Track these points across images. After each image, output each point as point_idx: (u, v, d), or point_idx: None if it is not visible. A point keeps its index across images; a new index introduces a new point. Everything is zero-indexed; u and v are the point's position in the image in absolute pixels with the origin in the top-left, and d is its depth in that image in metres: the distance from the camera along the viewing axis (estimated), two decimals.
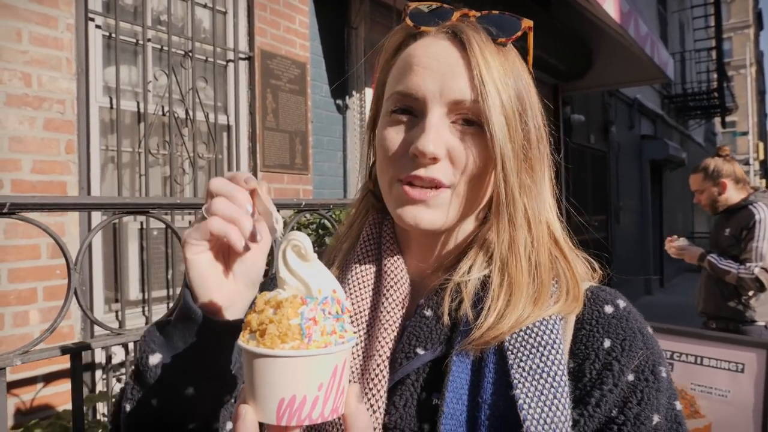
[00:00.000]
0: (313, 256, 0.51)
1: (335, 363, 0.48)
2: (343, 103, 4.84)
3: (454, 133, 0.67)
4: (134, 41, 3.32)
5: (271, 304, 0.49)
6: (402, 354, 0.66)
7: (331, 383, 0.48)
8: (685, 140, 17.39)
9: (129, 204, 1.35)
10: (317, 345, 0.47)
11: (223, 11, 3.88)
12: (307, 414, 0.48)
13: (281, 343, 0.46)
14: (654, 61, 7.37)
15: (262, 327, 0.48)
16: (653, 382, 0.63)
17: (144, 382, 0.62)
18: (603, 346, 0.64)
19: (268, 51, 4.05)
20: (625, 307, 0.68)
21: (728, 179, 3.37)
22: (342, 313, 0.50)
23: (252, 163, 3.96)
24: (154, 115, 3.37)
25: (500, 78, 0.66)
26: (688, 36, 17.24)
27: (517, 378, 0.61)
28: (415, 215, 0.67)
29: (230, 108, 3.88)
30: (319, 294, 0.49)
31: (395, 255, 0.73)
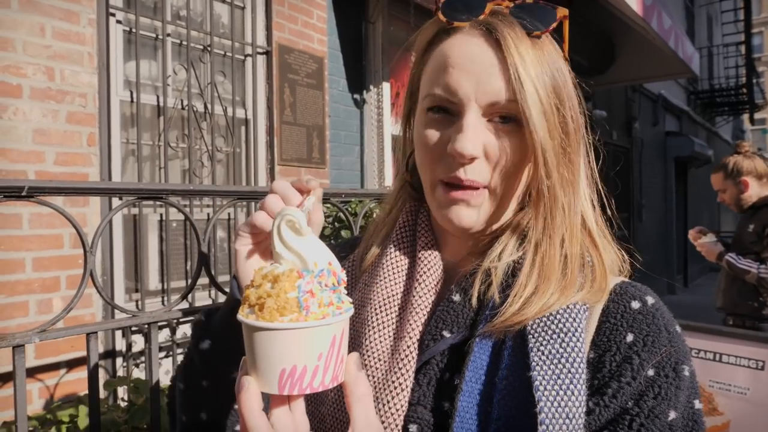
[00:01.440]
0: (307, 230, 0.52)
1: (333, 333, 0.50)
2: (361, 98, 4.86)
3: (491, 131, 0.68)
4: (154, 36, 3.38)
5: (268, 278, 0.50)
6: (429, 336, 0.69)
7: (330, 353, 0.50)
8: (712, 137, 17.03)
9: (143, 190, 1.38)
10: (315, 317, 0.48)
11: (242, 6, 3.93)
12: (308, 383, 0.50)
13: (280, 317, 0.48)
14: (678, 55, 7.23)
15: (260, 301, 0.49)
16: (673, 379, 0.63)
17: (194, 366, 0.71)
18: (625, 340, 0.64)
19: (286, 45, 4.08)
20: (653, 303, 0.68)
21: (749, 176, 3.27)
22: (338, 284, 0.51)
23: (269, 157, 4.01)
24: (173, 109, 3.42)
25: (537, 74, 0.66)
26: (716, 30, 16.86)
27: (536, 361, 0.62)
28: (458, 215, 0.70)
29: (248, 102, 3.92)
30: (315, 267, 0.50)
31: (429, 242, 0.75)
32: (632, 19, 5.88)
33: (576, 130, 0.71)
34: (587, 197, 0.74)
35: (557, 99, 0.67)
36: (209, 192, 1.67)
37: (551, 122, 0.66)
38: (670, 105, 12.85)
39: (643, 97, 11.33)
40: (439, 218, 0.72)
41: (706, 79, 14.99)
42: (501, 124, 0.67)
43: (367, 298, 0.74)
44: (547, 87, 0.66)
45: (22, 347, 1.17)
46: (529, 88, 0.64)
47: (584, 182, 0.74)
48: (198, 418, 0.73)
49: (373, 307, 0.73)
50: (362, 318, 0.73)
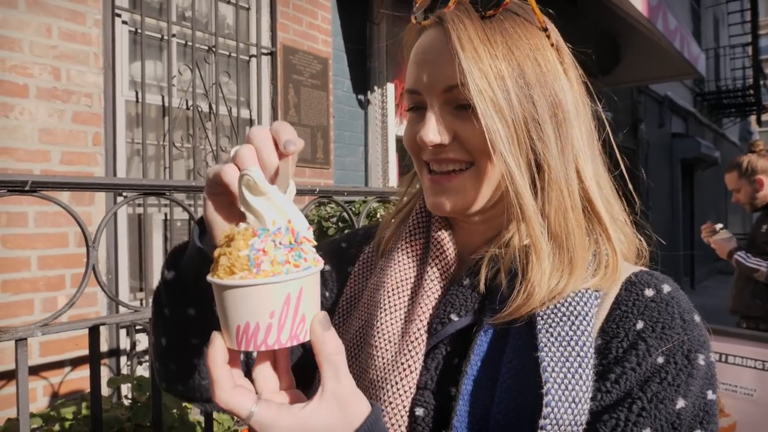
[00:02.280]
0: (267, 188, 0.51)
1: (287, 291, 0.49)
2: (365, 99, 4.86)
3: (458, 117, 0.68)
4: (159, 37, 3.40)
5: (228, 237, 0.51)
6: (437, 320, 0.69)
7: (284, 311, 0.50)
8: (719, 139, 16.95)
9: (146, 185, 1.39)
10: (265, 274, 0.48)
11: (246, 7, 3.94)
12: (263, 340, 0.50)
13: (231, 274, 0.49)
14: (684, 55, 7.20)
15: (217, 260, 0.51)
16: (684, 366, 0.61)
17: (161, 295, 0.73)
18: (635, 327, 0.63)
19: (291, 46, 4.10)
20: (669, 291, 0.66)
21: (764, 175, 3.23)
22: (296, 242, 0.51)
23: None
24: (178, 109, 3.44)
25: (485, 55, 0.64)
26: (722, 32, 16.79)
27: (544, 342, 0.61)
28: (441, 201, 0.70)
29: (253, 102, 3.94)
30: (273, 225, 0.50)
31: (443, 228, 0.75)
32: (637, 19, 5.87)
33: (555, 108, 0.68)
34: (591, 178, 0.70)
35: (519, 77, 0.65)
36: None
37: (501, 101, 0.64)
38: (677, 106, 12.80)
39: (649, 99, 11.29)
40: (429, 205, 0.73)
41: (713, 81, 14.92)
42: (465, 110, 0.67)
43: (381, 281, 0.75)
44: (498, 64, 0.65)
45: (24, 341, 1.17)
46: (471, 71, 0.63)
47: (584, 162, 0.70)
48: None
49: (386, 291, 0.73)
50: (375, 301, 0.74)
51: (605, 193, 0.72)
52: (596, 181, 0.71)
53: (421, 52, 0.71)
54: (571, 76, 0.71)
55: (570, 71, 0.71)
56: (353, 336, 0.76)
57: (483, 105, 0.63)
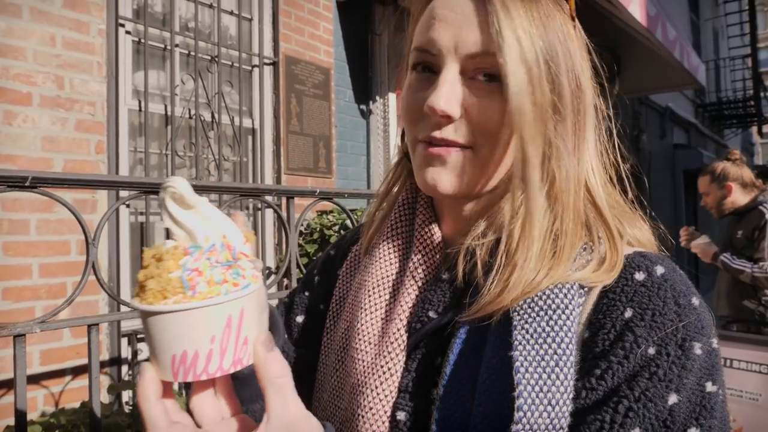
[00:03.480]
0: (196, 201, 0.47)
1: (228, 313, 0.45)
2: (367, 109, 4.89)
3: (473, 90, 0.62)
4: (162, 47, 3.43)
5: (155, 257, 0.46)
6: (416, 318, 0.65)
7: (226, 335, 0.45)
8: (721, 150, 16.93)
9: (147, 183, 1.39)
10: (203, 296, 0.44)
11: (249, 18, 3.98)
12: (203, 368, 0.45)
13: (163, 299, 0.44)
14: (684, 65, 7.24)
15: (144, 283, 0.45)
16: (677, 357, 0.54)
17: None
18: (623, 316, 0.57)
19: (293, 57, 4.13)
20: (663, 273, 0.59)
21: (735, 183, 3.41)
22: (233, 259, 0.46)
23: (276, 166, 4.03)
24: (181, 118, 3.46)
25: (522, 26, 0.59)
26: (722, 44, 16.87)
27: (518, 339, 0.56)
28: (434, 177, 0.64)
29: (255, 112, 3.96)
30: (206, 242, 0.45)
31: (428, 219, 0.71)
32: (636, 30, 5.90)
33: (577, 94, 0.64)
34: (595, 170, 0.67)
35: (548, 55, 0.61)
36: (213, 188, 1.67)
37: (535, 77, 0.59)
38: (678, 117, 12.82)
39: (650, 110, 11.31)
40: (418, 181, 0.66)
41: (714, 92, 14.97)
42: (485, 83, 0.62)
43: (363, 280, 0.71)
44: (535, 40, 0.60)
45: (23, 337, 1.17)
46: (509, 38, 0.58)
47: (591, 153, 0.66)
48: None
49: (366, 290, 0.69)
50: (357, 301, 0.70)
51: (610, 193, 0.68)
52: (602, 180, 0.67)
53: (445, 7, 0.63)
54: (588, 72, 0.68)
55: (588, 66, 0.68)
56: (340, 339, 0.72)
57: (518, 79, 0.58)
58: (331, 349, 0.74)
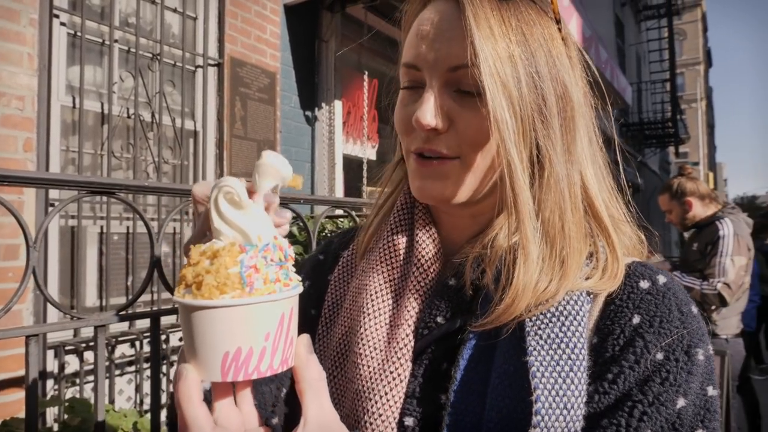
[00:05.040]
0: (247, 202, 0.47)
1: (281, 311, 0.46)
2: (312, 115, 4.84)
3: (459, 102, 0.63)
4: (100, 41, 3.25)
5: (207, 254, 0.45)
6: (423, 323, 0.65)
7: (278, 333, 0.45)
8: (641, 167, 18.01)
9: (94, 183, 1.29)
10: (260, 293, 0.44)
11: (194, 17, 3.85)
12: (255, 367, 0.45)
13: (220, 294, 0.43)
14: (614, 86, 7.65)
15: (198, 279, 0.45)
16: (685, 363, 0.57)
17: None
18: (631, 322, 0.59)
19: (238, 59, 4.02)
20: (665, 283, 0.62)
21: (693, 197, 3.45)
22: (285, 260, 0.47)
23: (219, 170, 3.90)
24: (118, 117, 3.28)
25: (500, 37, 0.60)
26: (644, 68, 18.00)
27: (533, 345, 0.57)
28: (426, 187, 0.66)
29: (198, 114, 3.82)
30: (260, 241, 0.46)
31: (427, 225, 0.71)
32: None
33: (564, 100, 0.64)
34: (593, 177, 0.67)
35: (530, 65, 0.62)
36: (164, 189, 1.58)
37: (512, 91, 0.60)
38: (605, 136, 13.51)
39: None
40: (412, 189, 0.68)
41: (636, 113, 15.91)
42: (469, 95, 0.62)
43: (363, 284, 0.70)
44: (512, 50, 0.61)
45: None
46: (484, 52, 0.59)
47: (585, 160, 0.67)
48: None
49: (369, 294, 0.68)
50: (358, 305, 0.69)
51: (606, 194, 0.69)
52: (597, 181, 0.68)
53: (427, 23, 0.65)
54: (578, 73, 0.68)
55: (577, 68, 0.68)
56: (337, 344, 0.71)
57: (493, 90, 0.59)
58: (326, 356, 0.71)
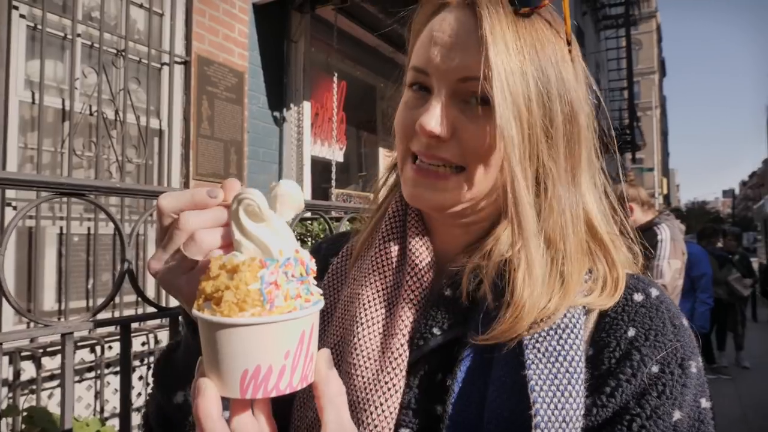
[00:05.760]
0: (269, 214, 0.46)
1: (302, 328, 0.45)
2: (281, 116, 4.79)
3: (465, 113, 0.63)
4: (62, 35, 3.14)
5: (226, 268, 0.45)
6: (419, 334, 0.64)
7: (298, 350, 0.45)
8: None
9: (65, 184, 1.24)
10: (280, 311, 0.43)
11: (160, 13, 3.76)
12: (274, 385, 0.44)
13: (240, 311, 0.43)
14: None
15: (218, 294, 0.44)
16: (680, 376, 0.58)
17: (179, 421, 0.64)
18: (626, 335, 0.59)
19: (206, 57, 3.95)
20: (658, 296, 0.63)
21: (634, 203, 3.62)
22: (306, 274, 0.46)
23: (184, 171, 3.82)
24: (80, 114, 3.17)
25: (511, 52, 0.60)
26: (603, 76, 18.52)
27: (531, 359, 0.57)
28: (418, 195, 0.65)
29: (163, 112, 3.73)
30: (281, 255, 0.45)
31: (420, 233, 0.70)
32: None
33: (571, 120, 0.64)
34: (591, 194, 0.67)
35: (540, 83, 0.62)
36: (138, 192, 1.54)
37: (522, 108, 0.60)
38: None
39: None
40: (405, 195, 0.67)
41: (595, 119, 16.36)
42: (477, 107, 0.62)
43: (356, 293, 0.69)
44: (525, 67, 0.61)
45: None
46: (497, 66, 0.59)
47: (586, 178, 0.67)
48: None
49: (362, 303, 0.67)
50: (351, 314, 0.68)
51: (603, 214, 0.68)
52: (596, 202, 0.68)
53: (441, 30, 0.64)
54: (584, 95, 0.68)
55: (583, 89, 0.68)
56: None
57: (503, 105, 0.59)
58: None
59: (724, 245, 8.16)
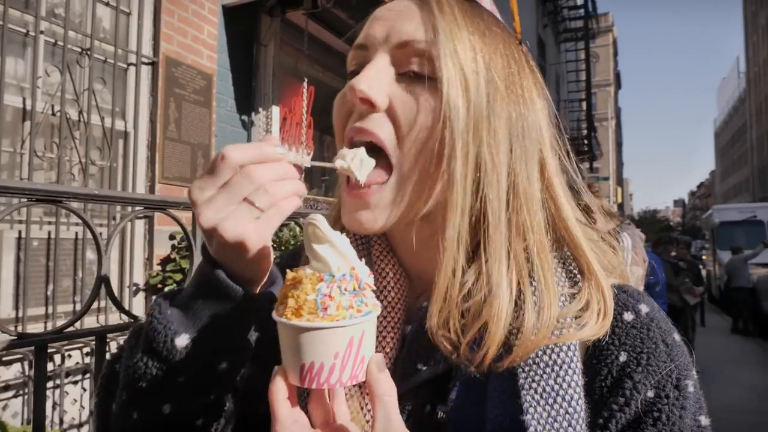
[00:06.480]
0: (332, 236, 0.53)
1: (350, 335, 0.51)
2: (249, 120, 4.73)
3: (403, 85, 0.59)
4: (24, 32, 3.03)
5: (296, 279, 0.53)
6: (402, 370, 0.62)
7: (347, 353, 0.51)
8: None
9: (39, 191, 1.20)
10: (331, 318, 0.50)
11: (127, 12, 3.67)
12: (326, 379, 0.51)
13: (299, 316, 0.50)
14: None
15: (284, 300, 0.52)
16: (676, 398, 0.55)
17: (169, 365, 0.58)
18: (618, 361, 0.56)
19: (174, 58, 3.87)
20: (648, 312, 0.60)
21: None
22: (360, 288, 0.52)
23: (150, 174, 3.73)
24: (42, 114, 3.06)
25: (464, 26, 0.58)
26: (562, 87, 19.04)
27: (528, 401, 0.55)
28: (354, 219, 0.61)
29: (129, 114, 3.64)
30: (338, 271, 0.52)
31: (385, 250, 0.66)
32: None
33: (517, 120, 0.60)
34: (565, 197, 0.62)
35: (486, 60, 0.59)
36: (115, 199, 1.50)
37: (470, 77, 0.57)
38: None
39: None
40: (345, 223, 0.63)
41: None
42: (415, 80, 0.59)
43: None
44: (473, 41, 0.59)
45: None
46: (445, 35, 0.57)
47: (556, 178, 0.62)
48: None
49: None
50: None
51: (577, 218, 0.64)
52: (570, 204, 0.63)
53: (383, 8, 0.62)
54: (537, 94, 0.64)
55: (537, 88, 0.65)
56: None
57: (450, 74, 0.56)
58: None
59: (676, 253, 8.48)
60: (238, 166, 0.53)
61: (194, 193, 0.54)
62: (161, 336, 0.57)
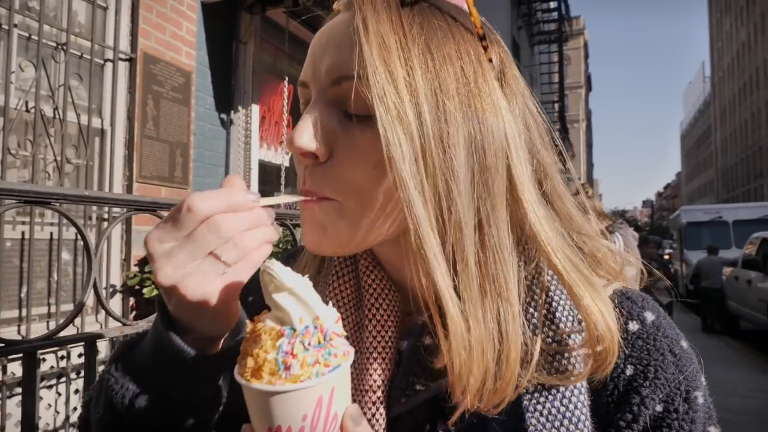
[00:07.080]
0: (289, 283, 0.47)
1: (319, 394, 0.47)
2: (228, 118, 4.67)
3: (346, 125, 0.54)
4: None
5: (254, 333, 0.48)
6: (399, 390, 0.57)
7: (316, 413, 0.47)
8: None
9: (30, 192, 1.16)
10: (295, 379, 0.45)
11: (104, 6, 3.57)
12: None
13: (257, 379, 0.46)
14: None
15: (245, 358, 0.47)
16: (686, 412, 0.53)
17: (133, 425, 0.55)
18: (624, 375, 0.54)
19: (152, 55, 3.79)
20: (653, 321, 0.57)
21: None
22: (325, 341, 0.48)
23: (127, 173, 3.64)
24: (16, 111, 2.96)
25: (395, 47, 0.50)
26: (536, 90, 19.31)
27: (534, 424, 0.52)
28: (307, 237, 0.57)
29: (106, 111, 3.55)
30: (300, 324, 0.46)
31: (371, 264, 0.62)
32: None
33: (477, 141, 0.52)
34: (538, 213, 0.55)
35: (431, 81, 0.51)
36: (106, 200, 1.46)
37: (407, 113, 0.50)
38: None
39: None
40: (306, 246, 0.60)
41: None
42: (357, 119, 0.53)
43: None
44: (413, 65, 0.51)
45: None
46: (374, 60, 0.49)
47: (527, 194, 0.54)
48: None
49: None
50: None
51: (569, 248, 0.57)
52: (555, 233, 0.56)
53: (317, 37, 0.57)
54: (512, 104, 0.56)
55: (513, 96, 0.57)
56: None
57: (383, 108, 0.49)
58: None
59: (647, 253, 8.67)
60: (205, 218, 0.47)
61: (152, 245, 0.48)
62: (119, 396, 0.55)
